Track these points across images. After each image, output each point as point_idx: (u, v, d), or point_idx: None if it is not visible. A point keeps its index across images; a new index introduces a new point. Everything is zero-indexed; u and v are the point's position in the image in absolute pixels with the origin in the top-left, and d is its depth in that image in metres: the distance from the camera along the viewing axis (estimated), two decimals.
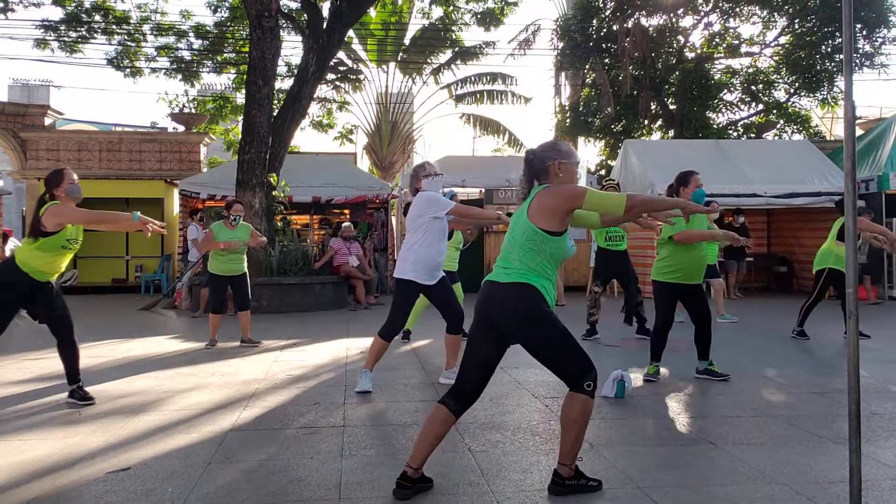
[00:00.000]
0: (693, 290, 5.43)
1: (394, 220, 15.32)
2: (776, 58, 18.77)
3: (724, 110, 19.52)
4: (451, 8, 18.12)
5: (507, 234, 3.13)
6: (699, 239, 5.33)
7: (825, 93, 17.64)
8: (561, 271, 14.66)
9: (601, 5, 18.28)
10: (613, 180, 8.15)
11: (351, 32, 17.93)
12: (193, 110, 18.80)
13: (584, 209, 3.04)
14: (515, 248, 3.04)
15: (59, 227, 4.51)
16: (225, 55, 18.75)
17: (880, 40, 16.51)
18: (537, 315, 2.96)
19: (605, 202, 3.04)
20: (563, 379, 3.03)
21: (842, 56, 2.70)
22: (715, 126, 18.34)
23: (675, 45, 18.90)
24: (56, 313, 4.73)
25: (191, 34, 17.80)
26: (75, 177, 4.71)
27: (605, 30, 18.46)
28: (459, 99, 22.62)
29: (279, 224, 12.38)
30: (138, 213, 4.67)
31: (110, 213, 4.85)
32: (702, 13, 18.25)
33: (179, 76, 18.23)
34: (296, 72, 14.71)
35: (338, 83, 21.52)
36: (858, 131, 16.93)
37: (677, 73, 18.99)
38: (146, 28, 17.25)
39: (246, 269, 7.54)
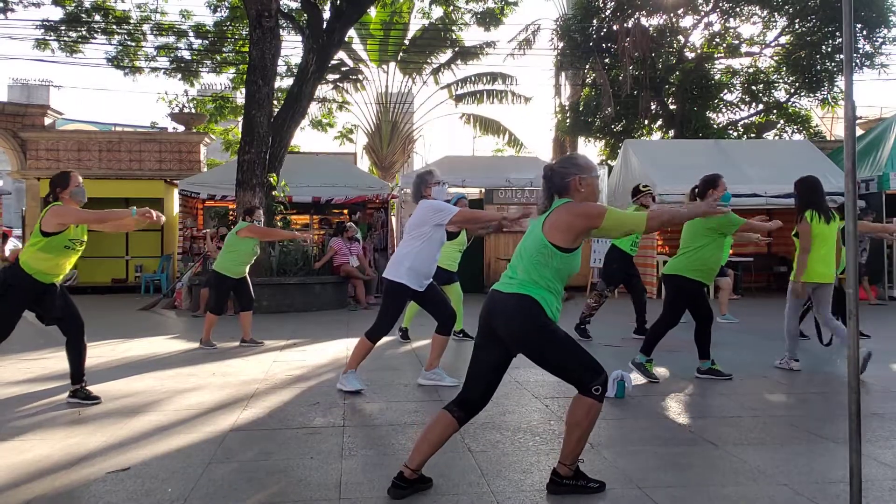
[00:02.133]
0: (704, 289, 5.51)
1: (394, 220, 15.32)
2: (776, 58, 18.77)
3: (724, 110, 19.52)
4: (451, 8, 18.12)
5: (520, 244, 3.10)
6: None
7: (825, 93, 17.65)
8: None
9: (601, 5, 18.28)
10: (648, 187, 7.89)
11: (351, 32, 17.92)
12: (193, 110, 18.81)
13: (602, 228, 2.96)
14: (524, 258, 3.01)
15: (60, 227, 4.54)
16: (225, 55, 18.75)
17: (880, 40, 16.52)
18: (536, 328, 2.93)
19: (623, 223, 2.99)
20: (572, 383, 2.99)
21: (842, 56, 2.71)
22: (715, 126, 18.34)
23: (675, 45, 18.90)
24: (65, 314, 4.75)
25: (190, 34, 17.80)
26: (81, 180, 4.74)
27: (605, 30, 18.46)
28: (459, 99, 22.62)
29: (279, 224, 12.38)
30: (135, 207, 4.67)
31: (111, 211, 4.83)
32: (702, 13, 18.26)
33: (179, 76, 18.23)
34: (296, 72, 14.71)
35: (338, 83, 21.52)
36: (858, 131, 16.93)
37: (677, 73, 18.99)
38: (146, 28, 17.25)
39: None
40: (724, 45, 19.02)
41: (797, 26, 17.73)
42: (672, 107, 18.82)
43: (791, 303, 5.91)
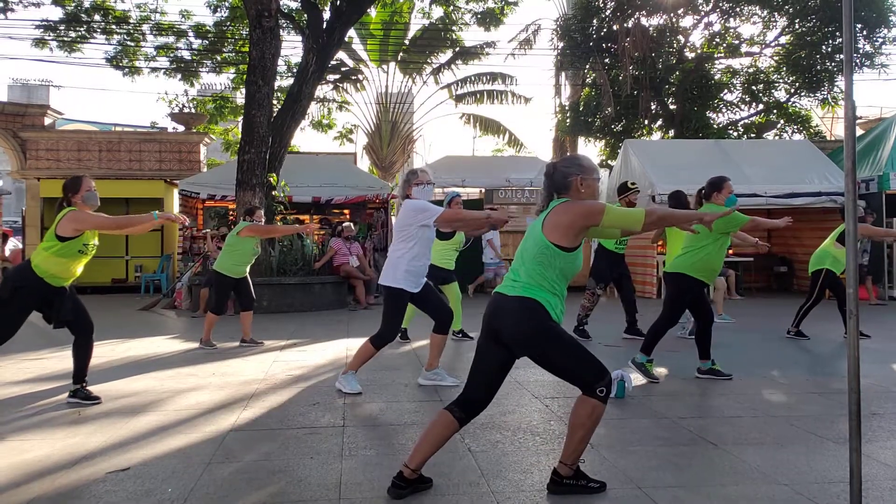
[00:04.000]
0: (703, 288, 5.53)
1: (394, 219, 15.33)
2: (776, 58, 18.76)
3: (724, 110, 19.50)
4: (451, 8, 18.12)
5: (521, 244, 3.10)
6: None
7: (825, 93, 17.64)
8: None
9: (601, 5, 18.27)
10: (636, 184, 8.07)
11: (351, 32, 17.92)
12: (193, 110, 18.80)
13: (601, 227, 3.00)
14: (526, 260, 3.01)
15: (77, 232, 4.56)
16: (225, 55, 18.74)
17: (880, 40, 16.51)
18: (540, 331, 2.93)
19: (623, 219, 3.03)
20: (577, 385, 3.00)
21: (842, 56, 2.71)
22: (715, 126, 18.33)
23: (675, 45, 18.89)
24: (76, 316, 4.75)
25: (190, 34, 17.79)
26: (93, 184, 4.75)
27: (605, 30, 18.45)
28: (459, 99, 22.63)
29: (279, 224, 12.37)
30: (157, 211, 4.74)
31: (131, 217, 4.84)
32: (702, 13, 18.25)
33: (179, 76, 18.22)
34: (296, 72, 14.71)
35: (338, 83, 21.52)
36: (858, 131, 16.93)
37: (677, 73, 18.99)
38: (146, 27, 17.25)
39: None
40: (724, 45, 19.01)
41: (797, 26, 17.72)
42: (672, 107, 18.81)
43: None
